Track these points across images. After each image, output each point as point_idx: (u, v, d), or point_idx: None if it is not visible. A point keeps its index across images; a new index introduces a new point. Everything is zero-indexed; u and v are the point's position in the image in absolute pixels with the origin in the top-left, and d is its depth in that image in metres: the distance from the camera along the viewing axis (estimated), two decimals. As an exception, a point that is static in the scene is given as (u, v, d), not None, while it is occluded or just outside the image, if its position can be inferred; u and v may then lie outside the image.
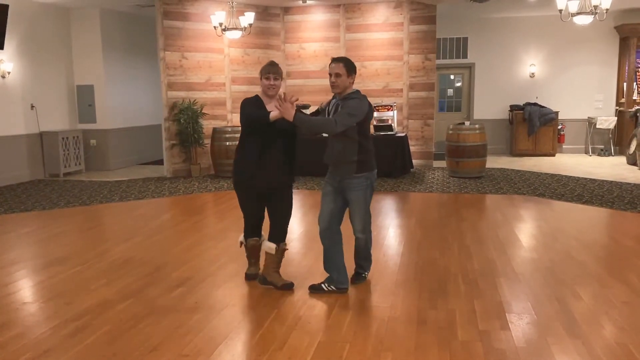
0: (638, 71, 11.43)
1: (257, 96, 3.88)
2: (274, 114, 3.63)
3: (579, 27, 10.34)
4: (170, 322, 3.40)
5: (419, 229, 5.71)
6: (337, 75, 3.68)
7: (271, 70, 3.80)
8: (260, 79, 3.84)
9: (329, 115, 3.80)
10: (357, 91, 3.76)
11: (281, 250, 3.98)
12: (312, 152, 9.47)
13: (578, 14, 7.65)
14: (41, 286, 4.15)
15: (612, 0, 7.39)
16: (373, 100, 9.58)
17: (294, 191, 4.15)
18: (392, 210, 6.92)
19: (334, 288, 3.85)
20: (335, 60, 3.74)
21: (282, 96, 3.58)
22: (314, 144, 8.97)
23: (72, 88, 10.44)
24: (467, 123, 9.26)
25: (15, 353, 3.02)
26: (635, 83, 11.41)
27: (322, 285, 3.88)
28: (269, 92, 3.83)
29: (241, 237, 4.19)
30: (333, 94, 3.84)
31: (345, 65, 3.68)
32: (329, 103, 3.89)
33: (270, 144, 3.78)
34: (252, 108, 3.78)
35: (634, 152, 10.08)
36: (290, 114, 3.49)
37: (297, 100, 3.61)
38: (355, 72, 3.76)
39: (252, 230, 4.08)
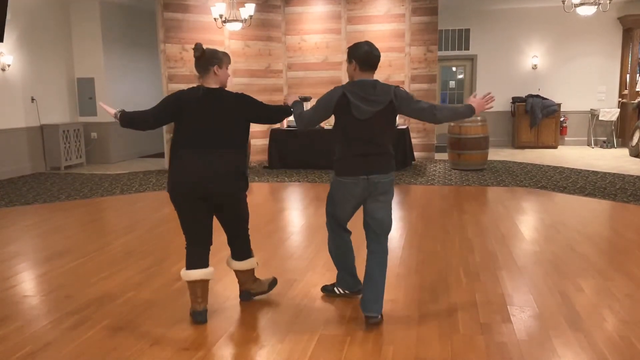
0: (641, 63, 11.37)
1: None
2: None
3: (582, 18, 10.29)
4: (170, 315, 3.40)
5: (420, 222, 5.69)
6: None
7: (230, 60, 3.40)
8: (224, 69, 3.30)
9: None
10: (349, 82, 3.30)
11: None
12: (314, 145, 9.53)
13: (581, 4, 7.60)
14: (42, 279, 4.15)
15: (615, -9, 7.34)
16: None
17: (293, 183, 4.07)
18: (393, 203, 6.88)
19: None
20: None
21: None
22: (315, 137, 9.00)
23: (73, 81, 10.41)
24: (469, 115, 9.21)
25: (15, 346, 3.01)
26: (638, 75, 11.35)
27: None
28: (228, 84, 3.41)
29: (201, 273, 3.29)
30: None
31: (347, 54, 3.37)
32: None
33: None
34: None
35: (637, 144, 10.04)
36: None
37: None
38: (355, 58, 3.29)
39: None
